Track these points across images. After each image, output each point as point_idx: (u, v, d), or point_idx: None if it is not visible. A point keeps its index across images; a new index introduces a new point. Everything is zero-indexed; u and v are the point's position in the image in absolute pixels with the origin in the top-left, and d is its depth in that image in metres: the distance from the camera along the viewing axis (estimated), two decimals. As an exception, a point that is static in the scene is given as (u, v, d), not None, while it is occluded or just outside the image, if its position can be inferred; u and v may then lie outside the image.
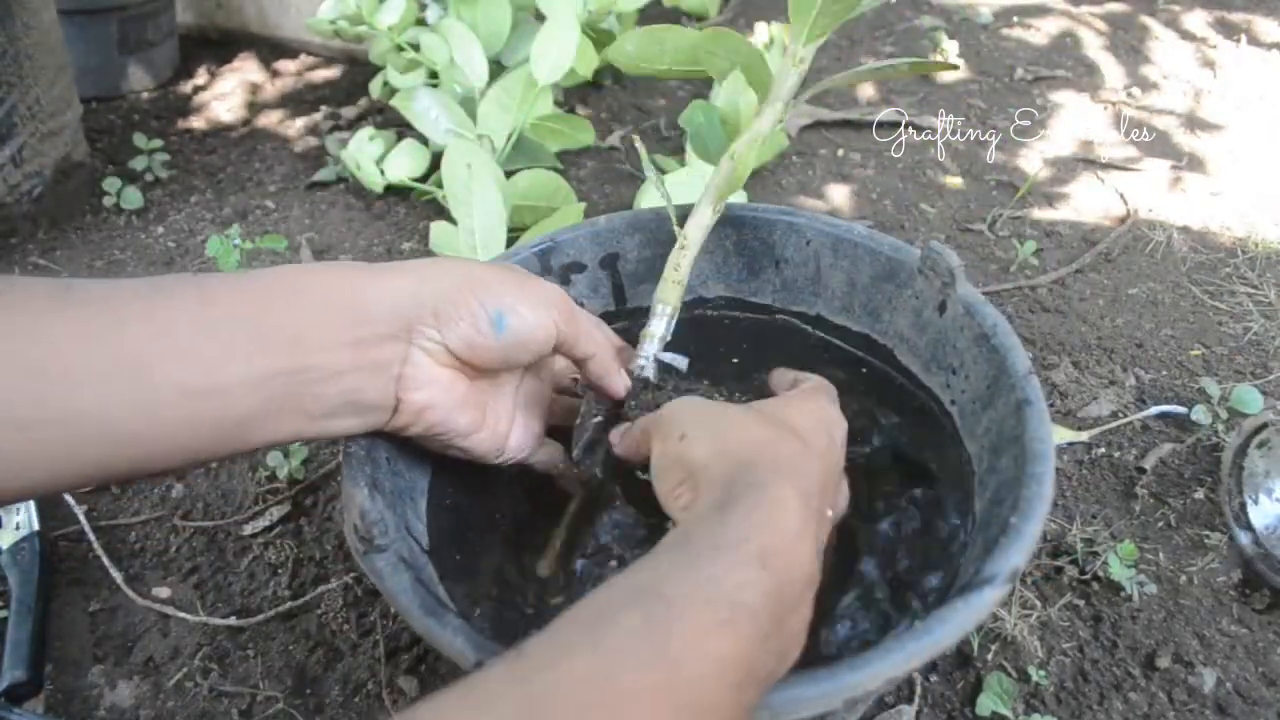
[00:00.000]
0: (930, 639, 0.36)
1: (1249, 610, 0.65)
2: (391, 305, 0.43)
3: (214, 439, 0.40)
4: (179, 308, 0.39)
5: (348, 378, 0.42)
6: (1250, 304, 0.93)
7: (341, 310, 0.42)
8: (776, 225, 0.61)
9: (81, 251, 1.05)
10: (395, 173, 1.09)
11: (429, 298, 0.44)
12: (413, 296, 0.43)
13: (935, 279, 0.54)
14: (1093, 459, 0.76)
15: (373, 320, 0.42)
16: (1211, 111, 1.28)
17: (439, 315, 0.44)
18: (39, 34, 1.01)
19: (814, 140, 1.23)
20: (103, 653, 0.64)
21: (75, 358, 0.36)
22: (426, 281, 0.44)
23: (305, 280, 0.42)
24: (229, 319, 0.39)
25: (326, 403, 0.42)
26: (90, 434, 0.36)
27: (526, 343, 0.46)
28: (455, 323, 0.44)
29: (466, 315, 0.44)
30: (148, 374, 0.37)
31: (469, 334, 0.44)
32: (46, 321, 0.36)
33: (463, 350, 0.44)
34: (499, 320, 0.44)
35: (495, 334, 0.44)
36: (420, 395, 0.45)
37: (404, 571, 0.41)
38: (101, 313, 0.37)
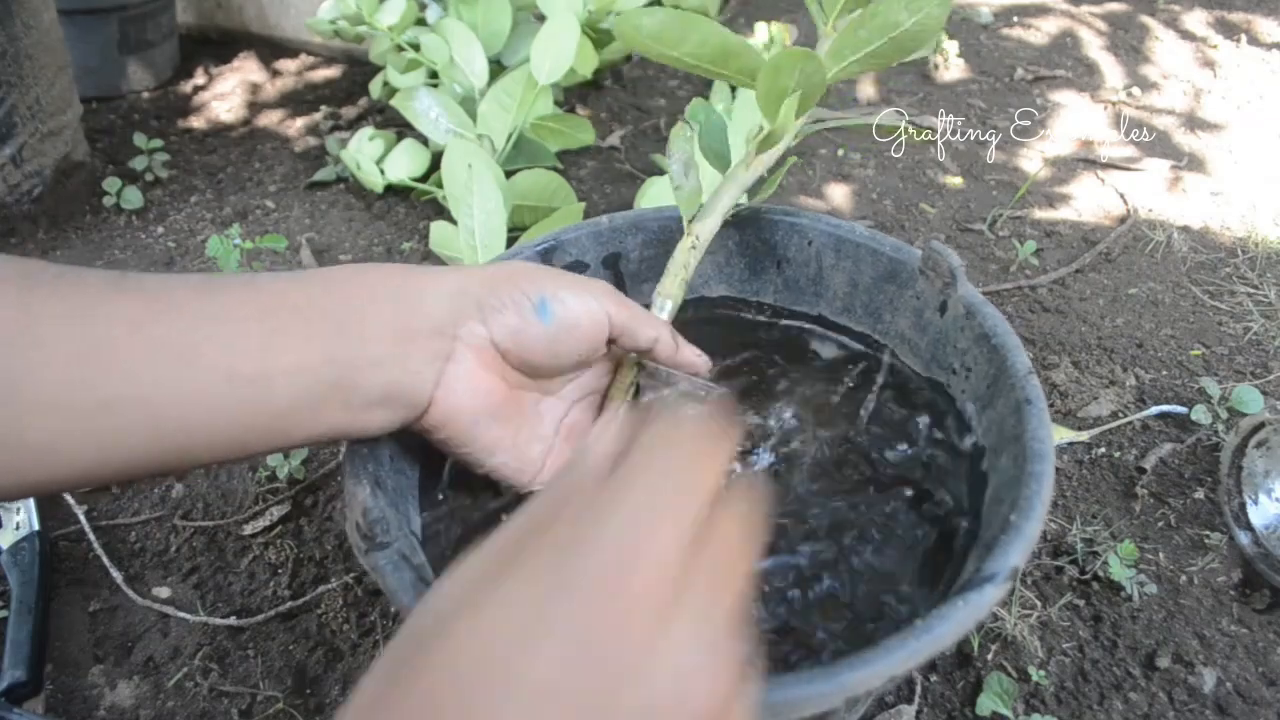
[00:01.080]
0: (930, 637, 0.36)
1: (1249, 610, 0.65)
2: (437, 299, 0.43)
3: (259, 428, 0.39)
4: (229, 296, 0.39)
5: (390, 368, 0.41)
6: (1250, 304, 0.93)
7: (389, 301, 0.42)
8: (778, 225, 0.61)
9: (81, 251, 1.05)
10: (395, 172, 1.09)
11: (474, 289, 0.43)
12: (459, 290, 0.43)
13: (936, 279, 0.54)
14: (1093, 459, 0.76)
15: (420, 313, 0.42)
16: (1211, 111, 1.28)
17: (483, 306, 0.43)
18: (39, 34, 1.01)
19: (814, 140, 1.23)
20: (103, 653, 0.64)
21: (125, 341, 0.35)
22: (471, 276, 0.44)
23: (355, 275, 0.42)
24: (278, 307, 0.39)
25: (367, 394, 0.41)
26: (137, 419, 0.36)
27: (574, 330, 0.44)
28: (499, 311, 0.43)
29: (510, 304, 0.43)
30: (195, 358, 0.37)
31: (514, 322, 0.43)
32: (101, 307, 0.36)
33: (509, 342, 0.44)
34: (543, 306, 0.43)
35: (541, 320, 0.43)
36: (455, 398, 0.43)
37: (406, 569, 0.41)
38: (154, 299, 0.37)
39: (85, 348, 0.35)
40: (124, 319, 0.36)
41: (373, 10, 1.09)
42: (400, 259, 1.02)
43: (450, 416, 0.44)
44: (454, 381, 0.43)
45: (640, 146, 1.21)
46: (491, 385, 0.45)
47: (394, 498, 0.47)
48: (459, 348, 0.43)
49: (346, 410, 0.41)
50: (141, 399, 0.36)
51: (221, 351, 0.37)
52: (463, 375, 0.43)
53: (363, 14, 1.08)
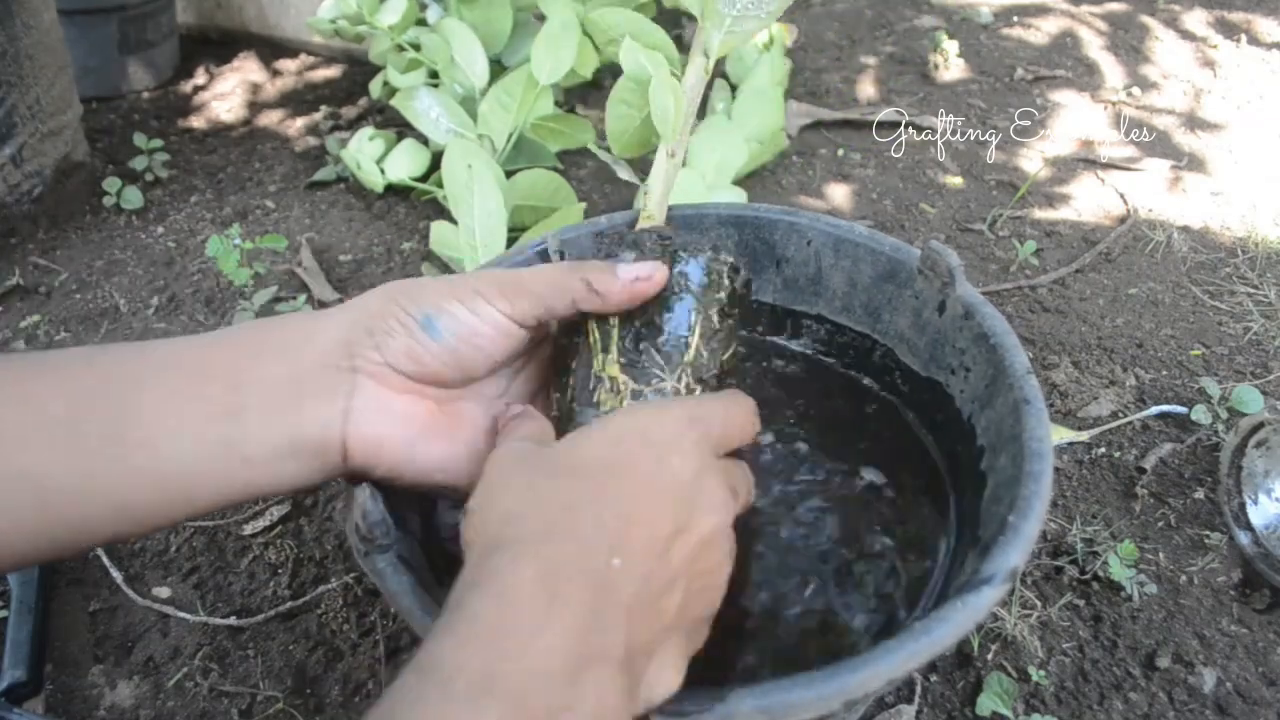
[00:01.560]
0: (929, 639, 0.36)
1: (1249, 610, 0.65)
2: (326, 338, 0.41)
3: (153, 496, 0.37)
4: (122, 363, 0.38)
5: (288, 416, 0.39)
6: (1250, 304, 0.93)
7: (281, 349, 0.40)
8: (778, 225, 0.61)
9: (81, 251, 1.05)
10: (395, 172, 1.09)
11: (360, 318, 0.41)
12: (350, 323, 0.41)
13: (935, 279, 0.54)
14: (1093, 459, 0.76)
15: (311, 353, 0.40)
16: (1211, 111, 1.28)
17: (373, 332, 0.41)
18: (39, 34, 1.01)
19: (814, 140, 1.23)
20: (103, 653, 0.65)
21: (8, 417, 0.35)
22: (363, 307, 0.42)
23: (256, 328, 0.41)
24: (168, 369, 0.38)
25: (267, 445, 0.39)
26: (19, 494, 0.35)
27: (475, 339, 0.42)
28: (389, 335, 0.41)
29: (398, 326, 0.41)
30: (80, 427, 0.36)
31: (407, 344, 0.41)
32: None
33: (409, 366, 0.41)
34: (429, 323, 0.41)
35: (431, 338, 0.41)
36: (371, 430, 0.41)
37: (405, 572, 0.41)
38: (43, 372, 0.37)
39: None
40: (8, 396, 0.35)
41: (373, 10, 1.09)
42: (400, 259, 1.02)
43: (376, 449, 0.41)
44: (365, 414, 0.41)
45: (640, 146, 1.21)
46: (410, 406, 0.42)
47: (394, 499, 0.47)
48: (359, 379, 0.41)
49: (249, 466, 0.39)
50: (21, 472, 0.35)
51: (105, 419, 0.36)
52: (373, 405, 0.41)
53: (363, 13, 1.08)
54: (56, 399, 0.36)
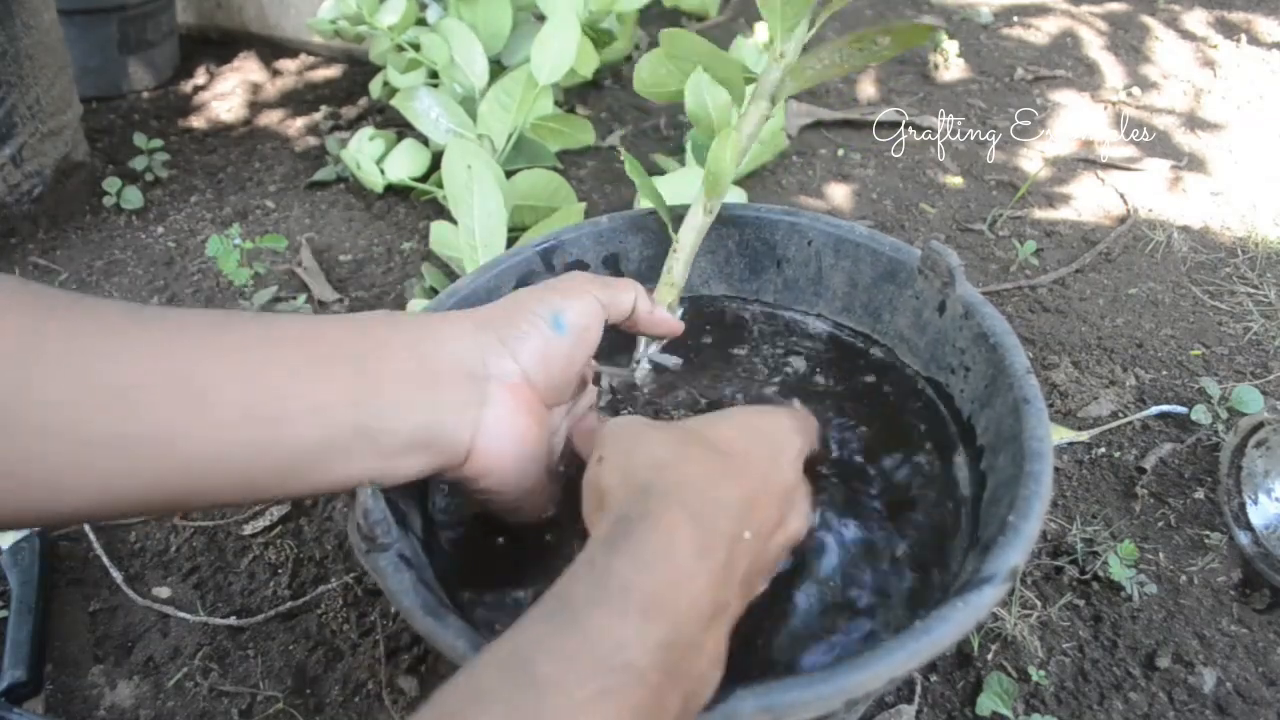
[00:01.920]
0: (929, 638, 0.36)
1: (1249, 610, 0.65)
2: (458, 339, 0.42)
3: (276, 471, 0.38)
4: (245, 332, 0.38)
5: (420, 412, 0.40)
6: (1250, 304, 0.93)
7: (409, 346, 0.41)
8: (778, 225, 0.61)
9: (81, 251, 1.05)
10: (395, 172, 1.09)
11: (490, 324, 0.44)
12: (478, 328, 0.43)
13: (935, 279, 0.54)
14: (1093, 459, 0.76)
15: (443, 356, 0.42)
16: (1211, 111, 1.28)
17: (505, 339, 0.43)
18: (39, 34, 1.01)
19: (814, 140, 1.23)
20: (103, 653, 0.65)
21: (138, 374, 0.34)
22: (483, 314, 0.45)
23: (373, 320, 0.42)
24: (295, 346, 0.38)
25: (397, 438, 0.40)
26: (147, 455, 0.35)
27: (585, 333, 0.46)
28: (523, 340, 0.44)
29: (529, 329, 0.44)
30: (212, 393, 0.36)
31: (539, 345, 0.44)
32: (115, 337, 0.34)
33: (537, 367, 0.44)
34: (557, 322, 0.45)
35: (559, 334, 0.45)
36: (496, 445, 0.43)
37: (406, 571, 0.41)
38: (171, 332, 0.36)
39: (96, 379, 0.34)
40: (136, 350, 0.35)
41: (373, 10, 1.09)
42: (400, 259, 1.02)
43: (494, 464, 0.43)
44: (494, 427, 0.42)
45: (640, 146, 1.22)
46: (529, 426, 0.44)
47: (396, 498, 0.47)
48: (493, 390, 0.43)
49: (378, 456, 0.40)
50: (151, 433, 0.34)
51: (236, 392, 0.36)
52: (504, 419, 0.43)
53: (363, 14, 1.08)
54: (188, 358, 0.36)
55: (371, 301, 0.96)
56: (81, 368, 0.33)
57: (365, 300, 0.96)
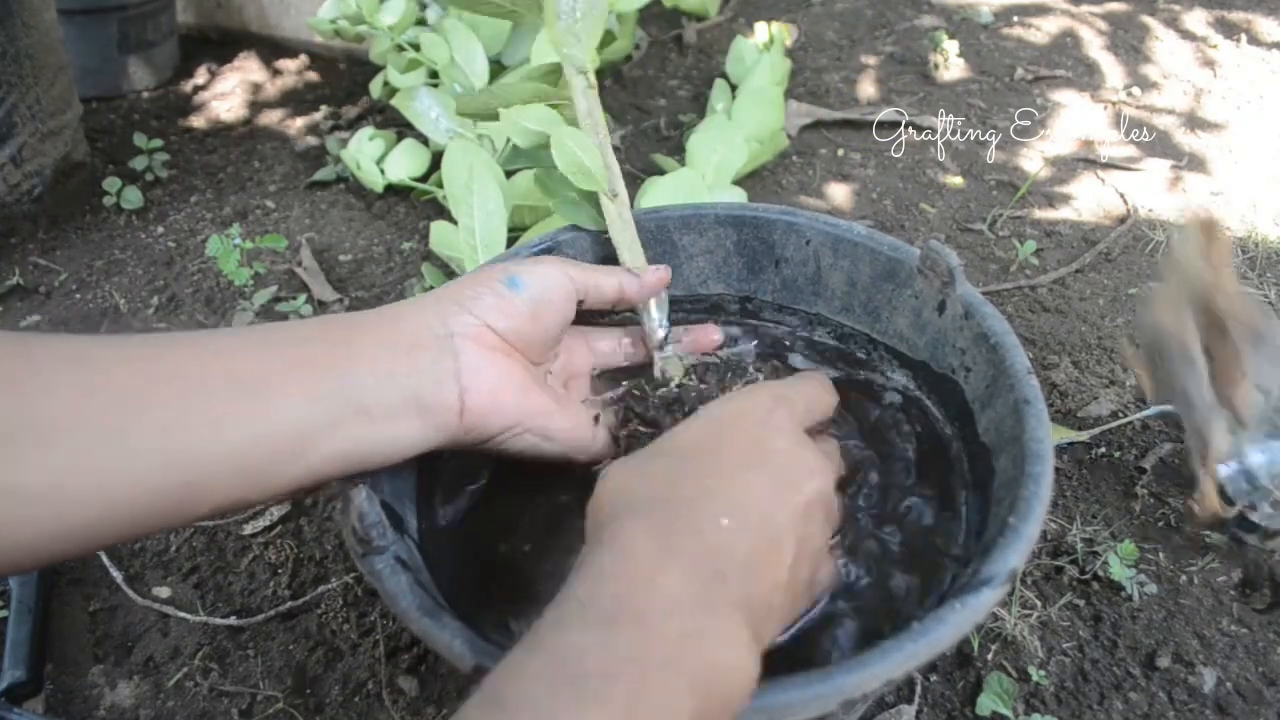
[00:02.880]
0: (927, 640, 0.36)
1: (1249, 610, 0.65)
2: (419, 311, 0.44)
3: (273, 454, 0.38)
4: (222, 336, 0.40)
5: (402, 377, 0.42)
6: (1250, 304, 0.93)
7: (375, 324, 0.43)
8: (776, 225, 0.61)
9: (81, 251, 1.05)
10: (395, 172, 1.09)
11: (447, 294, 0.46)
12: (434, 299, 0.45)
13: (935, 279, 0.54)
14: (1093, 459, 0.76)
15: (409, 329, 0.43)
16: (1211, 111, 1.28)
17: (462, 301, 0.45)
18: (39, 34, 1.01)
19: (814, 140, 1.23)
20: (103, 653, 0.65)
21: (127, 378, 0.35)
22: (441, 289, 0.47)
23: (336, 315, 0.44)
24: (270, 338, 0.40)
25: (386, 401, 0.41)
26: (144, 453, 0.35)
27: (547, 298, 0.48)
28: (477, 299, 0.45)
29: (485, 289, 0.46)
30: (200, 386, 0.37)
31: (495, 302, 0.46)
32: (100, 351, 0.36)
33: (498, 321, 0.46)
34: (513, 282, 0.47)
35: (515, 294, 0.46)
36: (483, 380, 0.44)
37: (402, 573, 0.41)
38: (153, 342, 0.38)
39: (86, 384, 0.34)
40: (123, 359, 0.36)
41: (373, 10, 1.09)
42: (400, 259, 1.02)
43: (493, 400, 0.44)
44: (473, 369, 0.44)
45: (640, 146, 1.22)
46: (509, 362, 0.46)
47: (392, 500, 0.47)
48: (457, 341, 0.44)
49: (370, 421, 0.40)
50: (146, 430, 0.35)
51: (224, 380, 0.37)
52: (479, 361, 0.44)
53: (363, 13, 1.08)
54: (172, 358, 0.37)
55: (371, 301, 0.96)
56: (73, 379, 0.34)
57: (365, 300, 0.96)
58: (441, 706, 0.60)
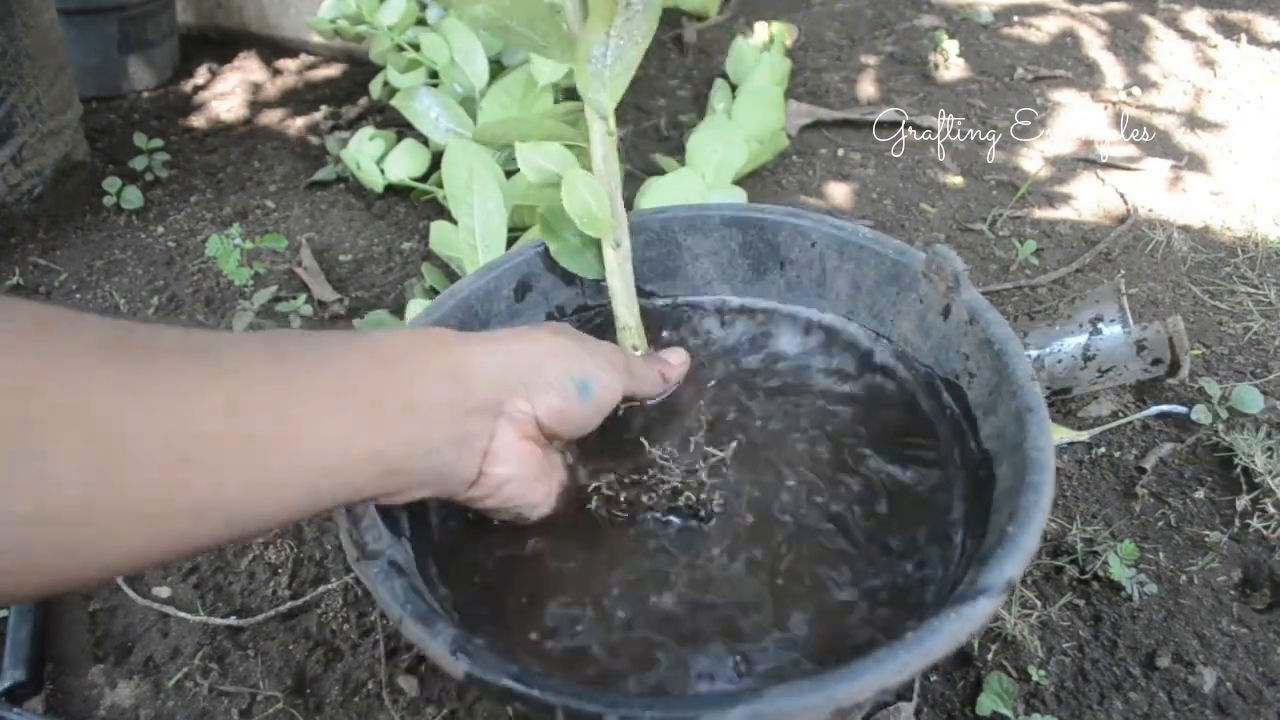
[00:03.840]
0: (921, 650, 0.35)
1: (1249, 610, 0.65)
2: (486, 377, 0.43)
3: (327, 507, 0.38)
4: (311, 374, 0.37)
5: (444, 454, 0.41)
6: (1250, 304, 0.93)
7: (446, 380, 0.42)
8: (781, 227, 0.61)
9: (81, 251, 1.05)
10: (395, 172, 1.09)
11: (518, 369, 0.45)
12: (504, 369, 0.44)
13: (940, 283, 0.54)
14: (1093, 459, 0.76)
15: (472, 393, 0.42)
16: (1212, 111, 1.28)
17: (529, 386, 0.45)
18: (39, 34, 1.01)
19: (814, 140, 1.23)
20: (103, 653, 0.65)
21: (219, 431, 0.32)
22: (515, 350, 0.45)
23: (414, 350, 0.41)
24: (350, 392, 0.37)
25: (419, 478, 0.41)
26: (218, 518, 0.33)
27: (605, 406, 0.48)
28: (544, 393, 0.45)
29: (555, 385, 0.45)
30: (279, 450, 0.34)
31: (558, 404, 0.45)
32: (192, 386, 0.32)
33: (550, 420, 0.46)
34: (585, 389, 0.47)
35: (582, 401, 0.46)
36: (503, 470, 0.45)
37: (397, 578, 0.41)
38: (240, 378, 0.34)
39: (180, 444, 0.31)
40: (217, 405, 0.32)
41: (373, 10, 1.09)
42: (400, 259, 1.02)
43: (499, 485, 0.45)
44: (499, 453, 0.44)
45: (640, 146, 1.21)
46: (531, 450, 0.46)
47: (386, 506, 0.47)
48: (501, 424, 0.44)
49: (394, 492, 0.41)
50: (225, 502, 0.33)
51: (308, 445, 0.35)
52: (509, 447, 0.45)
53: (363, 13, 1.08)
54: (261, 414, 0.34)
55: (371, 301, 0.96)
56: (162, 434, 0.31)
57: (365, 300, 0.96)
58: (442, 707, 0.60)
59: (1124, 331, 0.76)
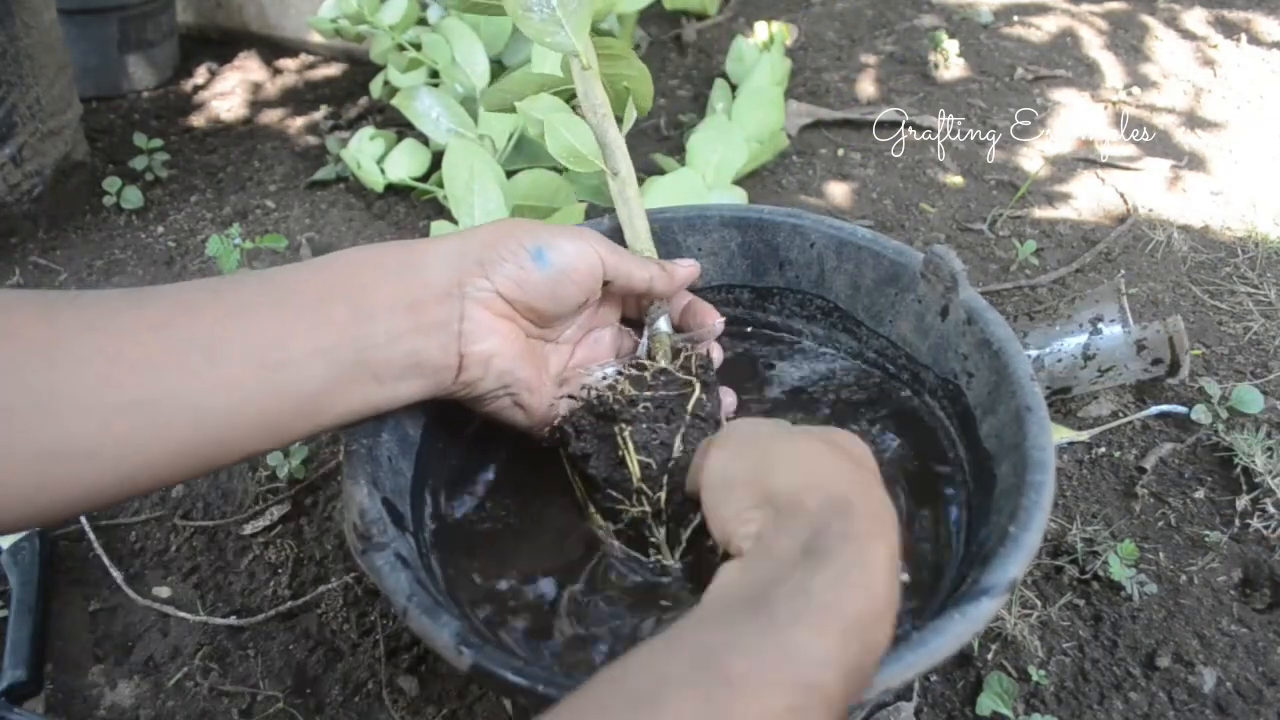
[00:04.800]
0: (925, 650, 0.36)
1: (1249, 610, 0.65)
2: (440, 264, 0.45)
3: (294, 412, 0.41)
4: (243, 292, 0.41)
5: (410, 339, 0.43)
6: (1250, 303, 0.93)
7: (395, 275, 0.44)
8: (781, 227, 0.61)
9: (81, 251, 1.05)
10: (396, 172, 1.09)
11: (473, 249, 0.46)
12: (459, 253, 0.46)
13: (938, 283, 0.54)
14: (1093, 459, 0.76)
15: (426, 282, 0.44)
16: (1211, 110, 1.28)
17: (484, 262, 0.45)
18: (39, 34, 1.01)
19: (814, 140, 1.23)
20: (103, 652, 0.65)
21: (151, 344, 0.38)
22: (468, 238, 0.46)
23: (360, 255, 0.45)
24: (292, 295, 0.42)
25: (394, 366, 0.43)
26: (174, 415, 0.38)
27: (571, 274, 0.47)
28: (500, 264, 0.46)
29: (509, 255, 0.46)
30: (223, 351, 0.39)
31: (515, 273, 0.46)
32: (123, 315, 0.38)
33: (513, 292, 0.46)
34: (540, 255, 0.46)
35: (539, 267, 0.46)
36: (483, 346, 0.46)
37: (402, 570, 0.41)
38: (171, 304, 0.40)
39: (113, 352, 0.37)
40: (146, 324, 0.38)
41: (374, 9, 1.09)
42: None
43: (487, 364, 0.46)
44: (475, 333, 0.45)
45: (640, 146, 1.21)
46: (511, 329, 0.47)
47: (393, 498, 0.47)
48: (468, 305, 0.45)
49: (378, 384, 0.43)
50: (174, 394, 0.38)
51: (246, 345, 0.40)
52: (483, 326, 0.45)
53: (364, 13, 1.08)
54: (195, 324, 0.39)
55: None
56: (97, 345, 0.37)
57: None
58: (442, 706, 0.60)
59: (1124, 331, 0.76)
